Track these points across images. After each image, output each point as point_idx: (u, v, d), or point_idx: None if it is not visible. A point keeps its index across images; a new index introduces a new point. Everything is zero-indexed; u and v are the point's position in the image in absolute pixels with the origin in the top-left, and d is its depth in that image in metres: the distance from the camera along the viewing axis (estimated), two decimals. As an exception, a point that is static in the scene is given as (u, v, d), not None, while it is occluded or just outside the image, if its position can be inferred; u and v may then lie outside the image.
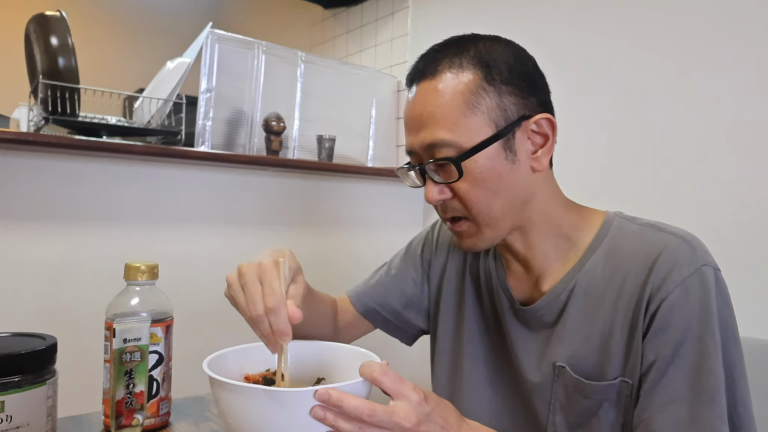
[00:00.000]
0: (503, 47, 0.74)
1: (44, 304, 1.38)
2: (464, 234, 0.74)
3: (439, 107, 0.69)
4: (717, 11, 1.32)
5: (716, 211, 1.30)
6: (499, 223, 0.72)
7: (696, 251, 0.68)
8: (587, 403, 0.70)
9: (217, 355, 0.67)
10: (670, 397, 0.64)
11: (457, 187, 0.70)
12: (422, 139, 0.71)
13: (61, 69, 1.46)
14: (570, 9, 1.63)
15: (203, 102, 1.65)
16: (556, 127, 0.73)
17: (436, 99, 0.70)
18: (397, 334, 0.97)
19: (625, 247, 0.71)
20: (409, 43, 2.20)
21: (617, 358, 0.69)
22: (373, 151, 2.11)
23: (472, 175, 0.69)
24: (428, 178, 0.72)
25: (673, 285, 0.65)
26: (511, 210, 0.72)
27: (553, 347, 0.74)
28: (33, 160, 1.37)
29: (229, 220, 1.67)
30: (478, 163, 0.69)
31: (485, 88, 0.69)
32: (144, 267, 0.75)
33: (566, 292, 0.73)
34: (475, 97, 0.69)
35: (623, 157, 1.48)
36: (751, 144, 1.25)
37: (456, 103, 0.69)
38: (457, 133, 0.68)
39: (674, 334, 0.65)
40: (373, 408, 0.55)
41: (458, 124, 0.69)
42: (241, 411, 0.56)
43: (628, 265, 0.70)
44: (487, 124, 0.69)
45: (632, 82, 1.47)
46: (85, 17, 3.24)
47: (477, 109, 0.69)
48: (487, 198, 0.70)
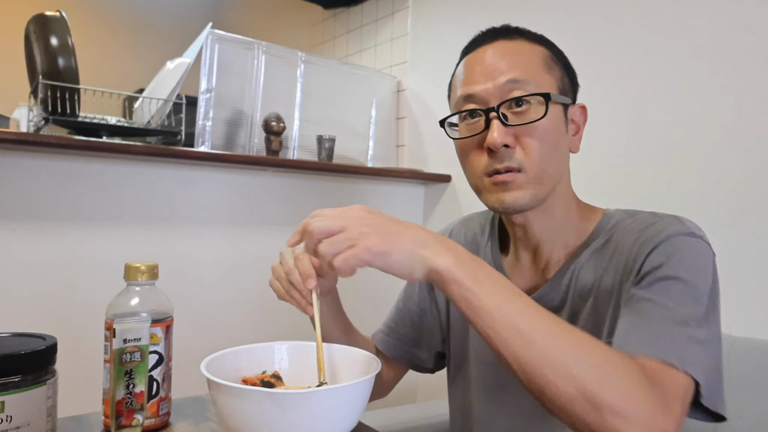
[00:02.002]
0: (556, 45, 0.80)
1: (44, 304, 1.38)
2: (513, 185, 0.73)
3: (522, 57, 0.73)
4: (716, 12, 1.32)
5: (716, 211, 1.30)
6: (549, 182, 0.74)
7: (690, 225, 0.69)
8: None
9: (214, 357, 0.67)
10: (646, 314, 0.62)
11: (528, 132, 0.72)
12: (502, 80, 0.72)
13: (61, 69, 1.46)
14: (570, 9, 1.63)
15: (203, 102, 1.65)
16: (587, 119, 0.80)
17: (518, 51, 0.74)
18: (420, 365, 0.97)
19: (620, 232, 0.74)
20: (409, 43, 2.20)
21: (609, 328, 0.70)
22: (373, 151, 2.11)
23: (547, 122, 0.71)
24: (495, 122, 0.71)
25: (660, 240, 0.67)
26: (557, 176, 0.75)
27: None
28: (33, 160, 1.37)
29: (229, 220, 1.67)
30: (552, 114, 0.72)
31: (555, 61, 0.76)
32: (144, 267, 0.75)
33: (568, 276, 0.76)
34: (550, 62, 0.75)
35: (623, 157, 1.48)
36: (751, 144, 1.25)
37: (537, 59, 0.74)
38: (538, 82, 0.72)
39: (656, 274, 0.65)
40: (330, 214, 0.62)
41: (539, 76, 0.73)
42: (241, 413, 0.56)
43: (623, 239, 0.72)
44: (558, 89, 0.75)
45: (631, 81, 1.47)
46: (85, 17, 3.24)
47: (551, 72, 0.74)
48: (551, 150, 0.73)
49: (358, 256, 0.57)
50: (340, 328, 0.87)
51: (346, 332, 0.88)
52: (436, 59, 2.09)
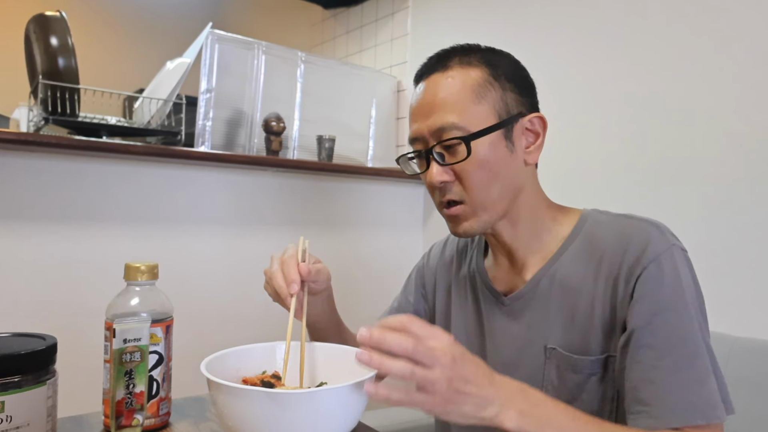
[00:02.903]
0: (503, 54, 0.83)
1: (44, 304, 1.38)
2: (460, 218, 0.79)
3: (450, 94, 0.76)
4: (716, 12, 1.32)
5: (716, 211, 1.30)
6: (495, 207, 0.78)
7: (665, 234, 0.74)
8: (577, 378, 0.76)
9: (214, 357, 0.67)
10: (652, 364, 0.68)
11: (462, 168, 0.76)
12: (432, 123, 0.76)
13: (61, 69, 1.46)
14: (569, 8, 1.63)
15: (203, 102, 1.65)
16: (547, 126, 0.81)
17: (447, 87, 0.77)
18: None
19: (600, 234, 0.78)
20: (409, 43, 2.20)
21: (600, 334, 0.74)
22: (373, 151, 2.11)
23: (477, 156, 0.75)
24: (432, 161, 0.77)
25: (647, 261, 0.71)
26: (506, 196, 0.78)
27: (541, 332, 0.79)
28: (33, 160, 1.37)
29: (229, 220, 1.67)
30: (484, 146, 0.75)
31: (491, 83, 0.77)
32: (144, 267, 0.75)
33: (547, 278, 0.79)
34: (482, 89, 0.76)
35: (622, 158, 1.48)
36: (751, 144, 1.25)
37: (466, 92, 0.76)
38: (466, 118, 0.75)
39: (649, 305, 0.70)
40: (416, 341, 0.56)
41: (467, 111, 0.75)
42: (241, 413, 0.56)
43: (604, 246, 0.76)
44: (492, 114, 0.76)
45: (630, 81, 1.47)
46: (85, 17, 3.24)
47: (484, 100, 0.76)
48: (488, 180, 0.76)
49: (415, 403, 0.57)
50: (334, 325, 0.92)
51: (338, 330, 0.93)
52: (436, 59, 2.09)
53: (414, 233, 2.11)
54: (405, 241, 2.08)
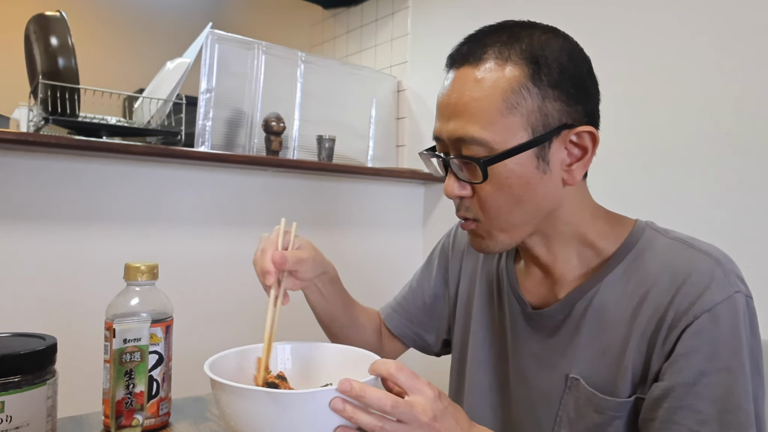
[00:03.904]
0: (560, 43, 0.68)
1: (44, 304, 1.37)
2: (475, 233, 0.71)
3: (475, 100, 0.64)
4: (716, 12, 1.32)
5: (716, 211, 1.30)
6: (517, 230, 0.68)
7: (729, 276, 0.63)
8: (599, 418, 0.67)
9: (218, 357, 0.67)
10: (691, 428, 0.60)
11: (479, 189, 0.66)
12: (452, 130, 0.65)
13: (61, 69, 1.46)
14: (571, 8, 1.63)
15: (203, 102, 1.65)
16: (598, 141, 0.67)
17: (474, 90, 0.64)
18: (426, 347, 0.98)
19: (651, 261, 0.67)
20: (409, 43, 2.20)
21: (632, 376, 0.65)
22: (373, 152, 2.11)
23: (498, 179, 0.64)
24: (450, 171, 0.68)
25: (701, 310, 0.61)
26: (533, 219, 0.68)
27: (566, 358, 0.71)
28: (33, 160, 1.36)
29: (229, 220, 1.67)
30: (507, 167, 0.64)
31: (529, 89, 0.63)
32: (144, 267, 0.75)
33: (584, 301, 0.70)
34: (516, 97, 0.63)
35: (622, 157, 1.48)
36: (751, 144, 1.25)
37: (494, 99, 0.63)
38: (491, 132, 0.63)
39: (698, 362, 0.60)
40: (396, 400, 0.55)
41: (493, 123, 0.63)
42: (244, 413, 0.56)
43: (653, 280, 0.65)
44: (524, 128, 0.63)
45: (631, 82, 1.47)
46: (85, 17, 3.24)
47: (516, 110, 0.63)
48: (509, 205, 0.66)
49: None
50: (339, 306, 0.87)
51: (345, 308, 0.88)
52: (436, 59, 2.09)
53: (414, 233, 2.11)
54: (405, 241, 2.08)
